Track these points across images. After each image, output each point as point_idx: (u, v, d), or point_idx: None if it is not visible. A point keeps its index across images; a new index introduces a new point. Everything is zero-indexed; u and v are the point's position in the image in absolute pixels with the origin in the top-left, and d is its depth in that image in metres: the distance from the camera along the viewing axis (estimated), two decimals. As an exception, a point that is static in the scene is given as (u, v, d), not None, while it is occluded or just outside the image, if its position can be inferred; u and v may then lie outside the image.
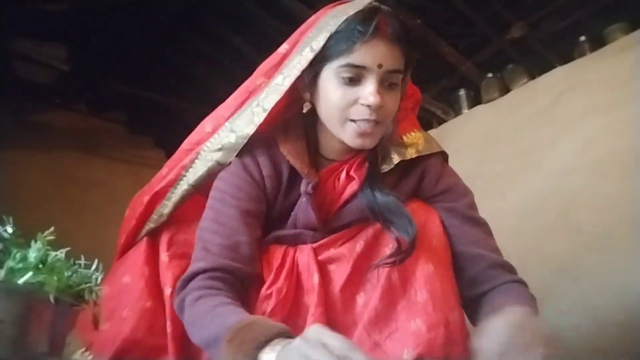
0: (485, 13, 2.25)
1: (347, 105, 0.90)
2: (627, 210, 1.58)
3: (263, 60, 1.03)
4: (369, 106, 0.88)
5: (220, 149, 0.98)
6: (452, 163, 1.09)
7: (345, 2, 0.94)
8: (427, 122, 2.73)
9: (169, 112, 3.23)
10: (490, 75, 2.48)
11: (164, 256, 1.00)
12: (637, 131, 1.69)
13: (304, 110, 0.97)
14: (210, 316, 0.80)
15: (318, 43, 0.89)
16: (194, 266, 0.90)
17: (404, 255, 0.88)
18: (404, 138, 1.00)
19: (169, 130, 3.26)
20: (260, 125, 0.97)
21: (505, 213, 1.91)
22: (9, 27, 2.30)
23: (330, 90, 0.91)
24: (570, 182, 1.81)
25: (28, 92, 2.72)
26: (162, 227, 1.03)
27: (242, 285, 0.91)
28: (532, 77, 2.33)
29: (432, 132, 2.67)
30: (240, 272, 0.90)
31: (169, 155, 1.07)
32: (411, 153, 0.98)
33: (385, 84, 0.90)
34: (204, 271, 0.88)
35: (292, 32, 1.00)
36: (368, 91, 0.87)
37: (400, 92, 0.94)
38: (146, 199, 1.03)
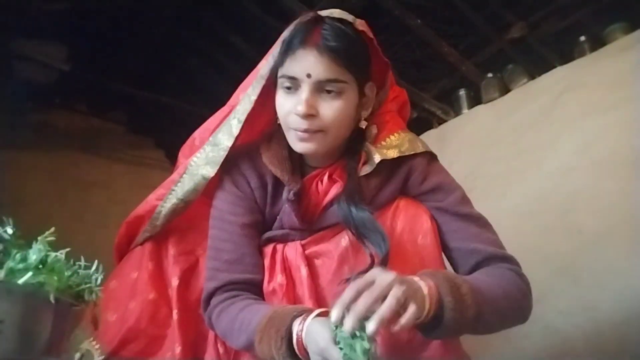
0: (485, 13, 2.25)
1: (286, 114, 0.92)
2: (627, 210, 1.58)
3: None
4: (299, 115, 0.90)
5: (206, 164, 1.02)
6: (452, 163, 1.09)
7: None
8: (427, 122, 2.73)
9: (169, 112, 3.23)
10: (490, 75, 2.48)
11: (172, 251, 1.07)
12: (637, 131, 1.69)
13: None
14: (237, 324, 0.88)
15: (273, 55, 0.93)
16: (209, 286, 0.97)
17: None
18: (387, 140, 1.01)
19: (169, 130, 3.26)
20: (245, 138, 1.02)
21: (505, 213, 1.90)
22: (9, 27, 2.30)
23: (277, 99, 0.94)
24: (570, 182, 1.81)
25: (28, 92, 2.72)
26: (170, 227, 1.09)
27: (255, 291, 0.97)
28: (532, 77, 2.34)
29: (432, 132, 2.68)
30: (251, 281, 0.97)
31: (168, 155, 1.09)
32: (393, 153, 0.98)
33: (321, 93, 0.90)
34: (218, 289, 0.96)
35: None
36: (297, 100, 0.90)
37: (350, 100, 0.93)
38: (139, 211, 1.09)
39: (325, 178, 0.99)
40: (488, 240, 0.97)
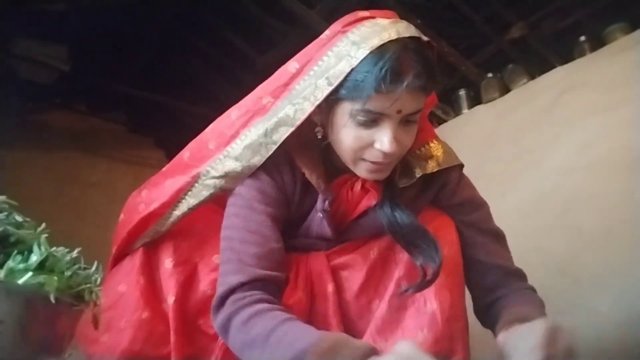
0: (485, 13, 2.25)
1: (361, 148, 0.85)
2: (627, 210, 1.58)
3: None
4: (385, 152, 0.83)
5: (224, 176, 0.92)
6: (452, 163, 1.09)
7: (365, 18, 0.85)
8: (427, 122, 2.73)
9: (169, 112, 3.23)
10: (490, 75, 2.47)
11: (167, 262, 0.97)
12: (637, 131, 1.69)
13: (318, 136, 0.90)
14: (276, 337, 0.75)
15: (336, 77, 0.81)
16: (231, 280, 0.84)
17: (427, 283, 0.87)
18: (424, 150, 0.97)
19: (169, 130, 3.26)
20: None
21: (505, 213, 1.89)
22: (9, 27, 2.31)
23: (344, 130, 0.85)
24: (570, 182, 1.81)
25: (28, 92, 2.72)
26: (162, 236, 1.00)
27: (277, 291, 0.88)
28: (532, 77, 2.33)
29: (432, 132, 2.67)
30: (279, 280, 0.87)
31: (168, 155, 1.07)
32: (432, 166, 0.95)
33: (403, 123, 0.85)
34: (243, 284, 0.83)
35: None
36: (384, 138, 0.82)
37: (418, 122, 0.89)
38: (143, 214, 0.98)
39: (358, 186, 0.94)
40: (506, 256, 1.00)
